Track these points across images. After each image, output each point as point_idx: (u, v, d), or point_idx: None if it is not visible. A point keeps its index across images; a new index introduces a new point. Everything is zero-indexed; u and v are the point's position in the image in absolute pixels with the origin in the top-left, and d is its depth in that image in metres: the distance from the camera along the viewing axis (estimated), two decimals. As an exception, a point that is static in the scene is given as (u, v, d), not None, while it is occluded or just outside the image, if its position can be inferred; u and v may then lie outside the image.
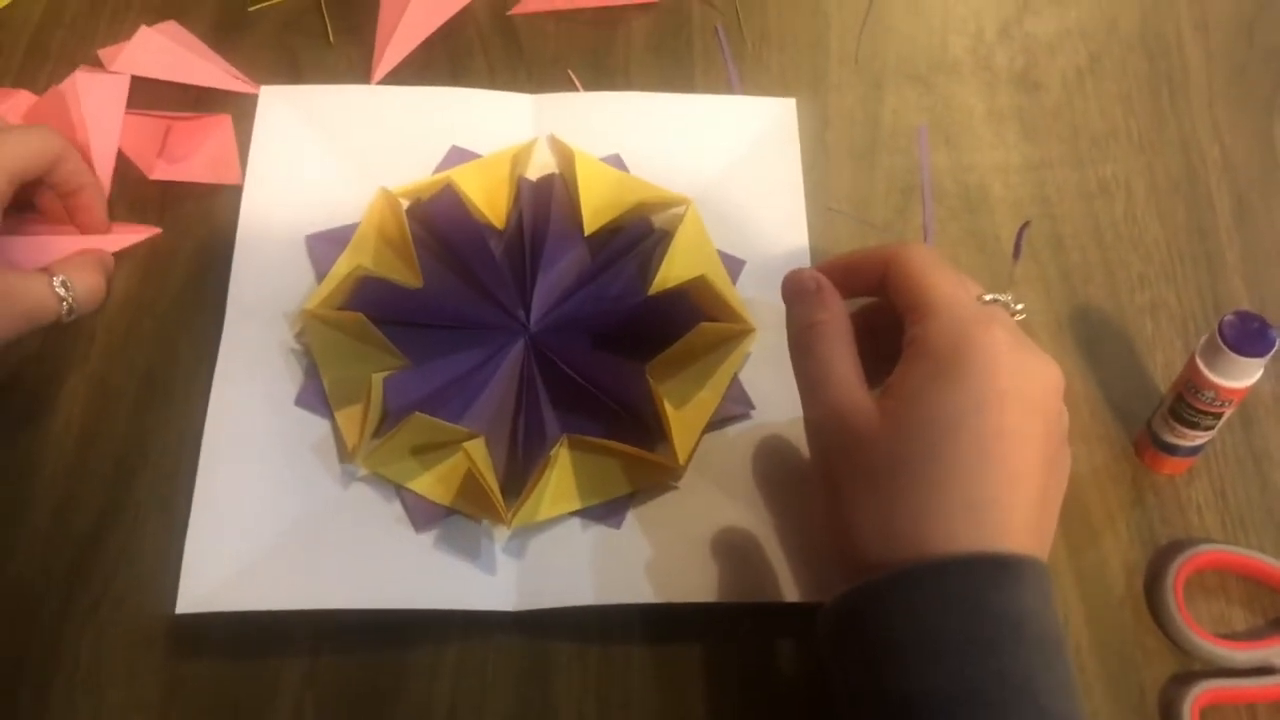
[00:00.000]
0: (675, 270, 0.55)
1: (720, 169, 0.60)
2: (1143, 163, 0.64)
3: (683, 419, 0.52)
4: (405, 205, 0.57)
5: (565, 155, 0.59)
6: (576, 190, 0.57)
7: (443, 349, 0.53)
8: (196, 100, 0.63)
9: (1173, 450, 0.53)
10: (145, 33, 0.64)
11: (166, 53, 0.64)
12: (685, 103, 0.63)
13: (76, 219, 0.56)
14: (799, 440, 0.52)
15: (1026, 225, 0.46)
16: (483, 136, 0.60)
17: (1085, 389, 0.57)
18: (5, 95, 0.62)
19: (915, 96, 0.65)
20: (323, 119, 0.61)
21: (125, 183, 0.60)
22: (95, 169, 0.59)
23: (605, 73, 0.65)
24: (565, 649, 0.50)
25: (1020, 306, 0.44)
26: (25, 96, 0.62)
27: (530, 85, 0.64)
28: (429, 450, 0.51)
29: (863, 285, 0.45)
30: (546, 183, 0.58)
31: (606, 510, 0.51)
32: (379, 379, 0.51)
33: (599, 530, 0.51)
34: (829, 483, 0.41)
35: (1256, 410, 0.56)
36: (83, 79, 0.60)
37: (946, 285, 0.42)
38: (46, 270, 0.52)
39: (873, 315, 0.46)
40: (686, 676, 0.50)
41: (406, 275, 0.55)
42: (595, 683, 0.49)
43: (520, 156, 0.59)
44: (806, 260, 0.58)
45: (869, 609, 0.39)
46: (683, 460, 0.51)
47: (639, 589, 0.50)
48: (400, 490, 0.51)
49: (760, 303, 0.56)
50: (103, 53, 0.64)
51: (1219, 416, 0.51)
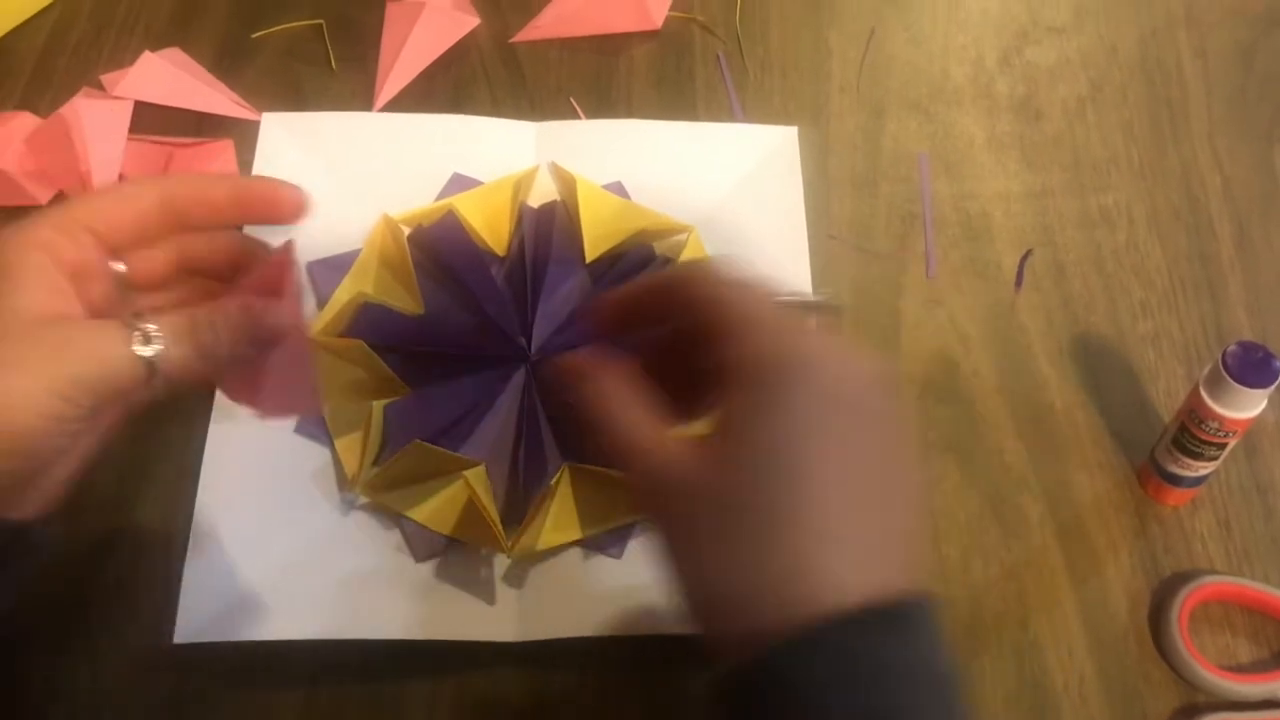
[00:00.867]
0: (677, 298, 0.54)
1: (722, 196, 0.60)
2: (1144, 190, 0.64)
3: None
4: (407, 232, 0.57)
5: (567, 182, 0.59)
6: (578, 217, 0.57)
7: (444, 376, 0.53)
8: (199, 126, 0.63)
9: (1177, 481, 0.53)
10: (148, 58, 0.64)
11: (169, 78, 0.64)
12: (687, 130, 0.63)
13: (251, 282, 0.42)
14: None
15: (1029, 254, 0.46)
16: (484, 163, 0.60)
17: (1087, 417, 0.57)
18: (8, 118, 0.62)
19: (916, 125, 0.66)
20: (325, 145, 0.61)
21: (127, 208, 0.60)
22: (97, 194, 0.59)
23: (607, 100, 0.66)
24: (565, 680, 0.49)
25: (828, 293, 0.38)
26: (28, 120, 0.62)
27: (532, 113, 0.64)
28: (429, 479, 0.51)
29: (652, 316, 0.40)
30: (548, 210, 0.58)
31: (608, 540, 0.51)
32: (379, 406, 0.51)
33: (600, 560, 0.51)
34: (679, 550, 0.36)
35: (1260, 441, 0.56)
36: (85, 104, 0.60)
37: (744, 298, 0.37)
38: (137, 316, 0.37)
39: (665, 349, 0.41)
40: (689, 709, 0.49)
41: (408, 302, 0.55)
42: (595, 715, 0.49)
43: (522, 183, 0.59)
44: (808, 287, 0.58)
45: (768, 685, 0.33)
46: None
47: (640, 620, 0.49)
48: (400, 519, 0.51)
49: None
50: (106, 78, 0.64)
51: (1223, 447, 0.50)
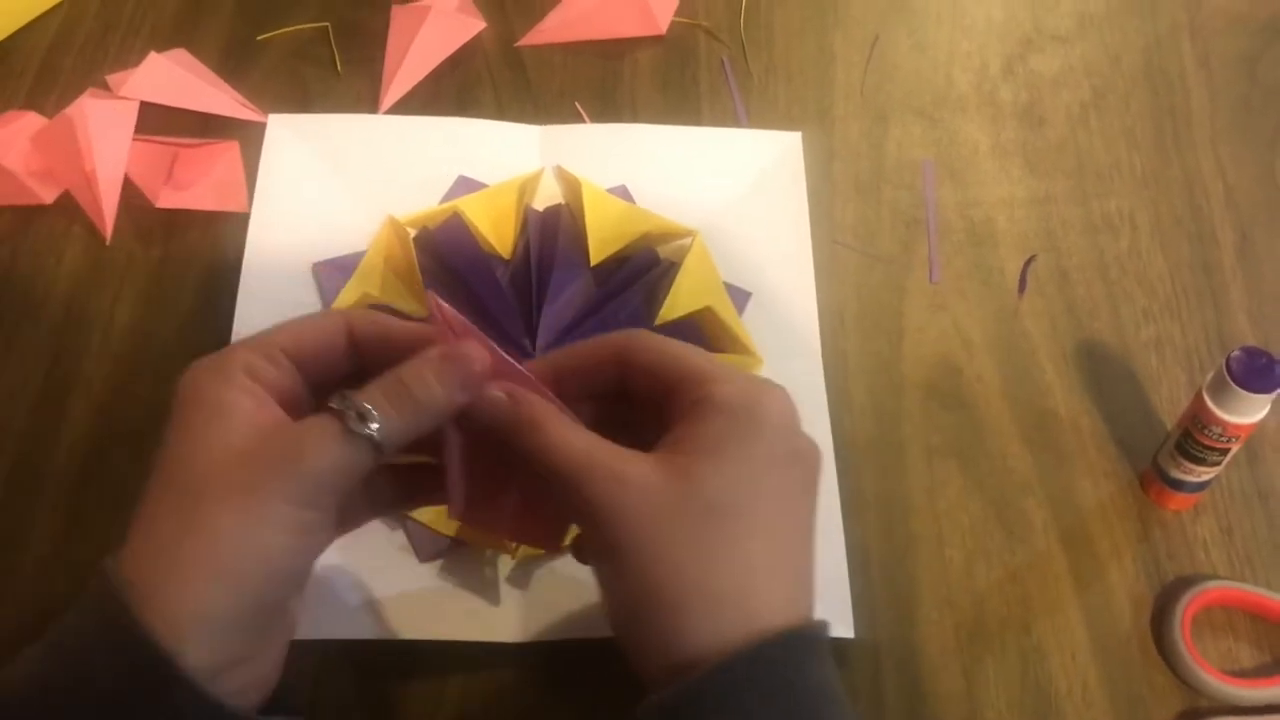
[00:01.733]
0: (681, 301, 0.55)
1: (726, 201, 0.60)
2: (1147, 198, 0.64)
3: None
4: (412, 234, 0.57)
5: (572, 186, 0.59)
6: (583, 221, 0.57)
7: (448, 378, 0.53)
8: (204, 127, 0.63)
9: (1179, 486, 0.53)
10: (154, 59, 0.64)
11: (175, 79, 0.64)
12: (692, 135, 0.63)
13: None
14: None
15: (1032, 259, 0.46)
16: (490, 167, 0.60)
17: (1090, 423, 0.57)
18: (14, 117, 0.62)
19: (920, 131, 0.66)
20: (330, 148, 0.61)
21: (131, 209, 0.60)
22: (101, 195, 0.59)
23: (612, 105, 0.66)
24: (569, 681, 0.49)
25: None
26: (34, 119, 0.62)
27: (537, 116, 0.64)
28: (433, 480, 0.51)
29: (595, 379, 0.42)
30: (553, 213, 0.58)
31: (611, 542, 0.51)
32: (384, 408, 0.51)
33: (603, 562, 0.51)
34: (630, 548, 0.37)
35: (1263, 446, 0.56)
36: (91, 104, 0.60)
37: (703, 358, 0.40)
38: (343, 398, 0.36)
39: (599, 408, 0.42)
40: None
41: (413, 304, 0.55)
42: (597, 717, 0.49)
43: (527, 187, 0.59)
44: (812, 292, 0.58)
45: (710, 699, 0.35)
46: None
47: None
48: (404, 519, 0.51)
49: (766, 334, 0.56)
50: (111, 78, 0.64)
51: (1226, 452, 0.51)
